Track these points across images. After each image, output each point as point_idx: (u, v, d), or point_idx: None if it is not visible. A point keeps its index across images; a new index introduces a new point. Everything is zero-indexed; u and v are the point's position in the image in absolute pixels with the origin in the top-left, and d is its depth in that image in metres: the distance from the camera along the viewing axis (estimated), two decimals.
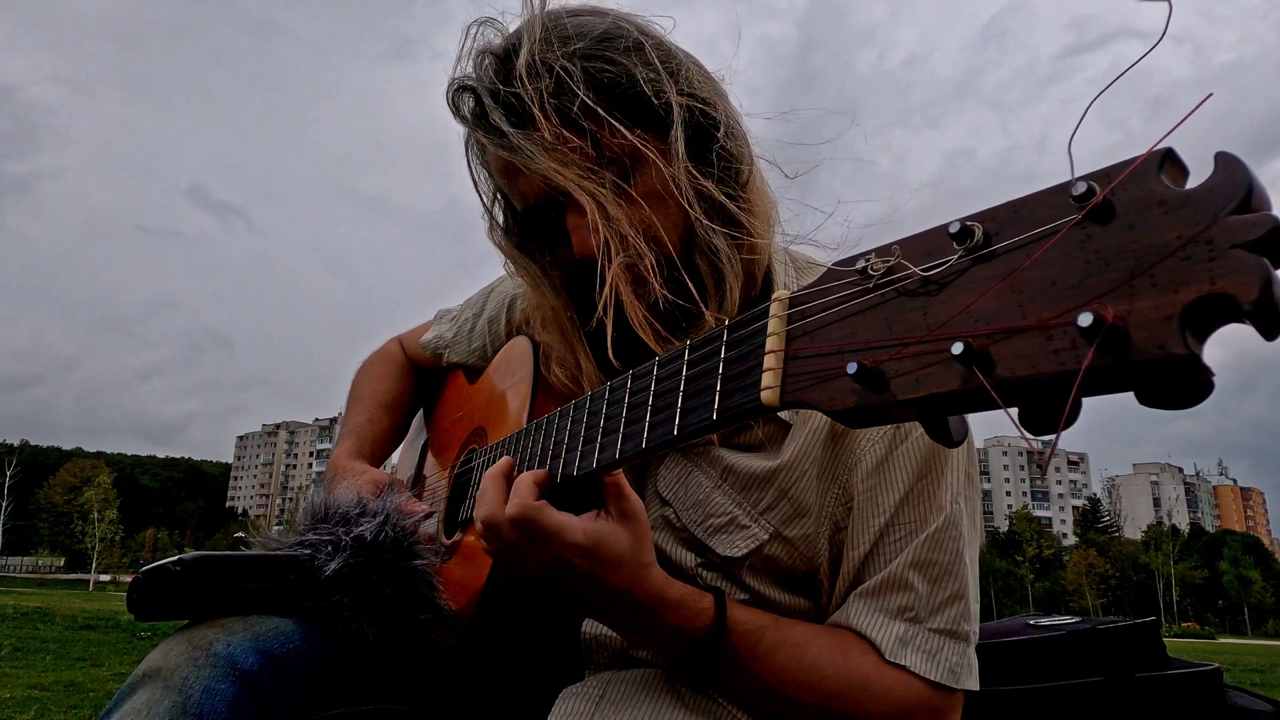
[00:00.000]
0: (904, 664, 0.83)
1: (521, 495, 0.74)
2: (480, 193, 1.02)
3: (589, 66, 0.86)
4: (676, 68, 0.90)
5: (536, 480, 0.76)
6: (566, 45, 0.87)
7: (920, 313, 0.40)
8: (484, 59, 0.91)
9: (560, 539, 0.73)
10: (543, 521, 0.73)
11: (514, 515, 0.73)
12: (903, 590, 0.86)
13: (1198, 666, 1.28)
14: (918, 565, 0.86)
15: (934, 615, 0.86)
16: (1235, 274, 0.30)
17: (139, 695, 0.77)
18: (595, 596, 0.77)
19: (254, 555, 0.91)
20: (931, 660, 0.84)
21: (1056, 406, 0.35)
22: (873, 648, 0.84)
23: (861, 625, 0.86)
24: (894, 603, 0.86)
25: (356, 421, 1.36)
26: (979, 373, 0.36)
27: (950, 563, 0.87)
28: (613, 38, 0.89)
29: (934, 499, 0.87)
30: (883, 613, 0.85)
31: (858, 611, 0.86)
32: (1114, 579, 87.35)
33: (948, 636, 0.86)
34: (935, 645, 0.85)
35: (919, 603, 0.85)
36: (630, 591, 0.76)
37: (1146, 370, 0.32)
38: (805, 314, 0.48)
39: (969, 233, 0.39)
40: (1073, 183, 0.36)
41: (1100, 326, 0.32)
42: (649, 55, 0.89)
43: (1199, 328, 0.32)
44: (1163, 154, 0.34)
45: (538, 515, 0.73)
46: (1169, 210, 0.33)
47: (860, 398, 0.42)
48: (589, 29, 0.89)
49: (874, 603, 0.86)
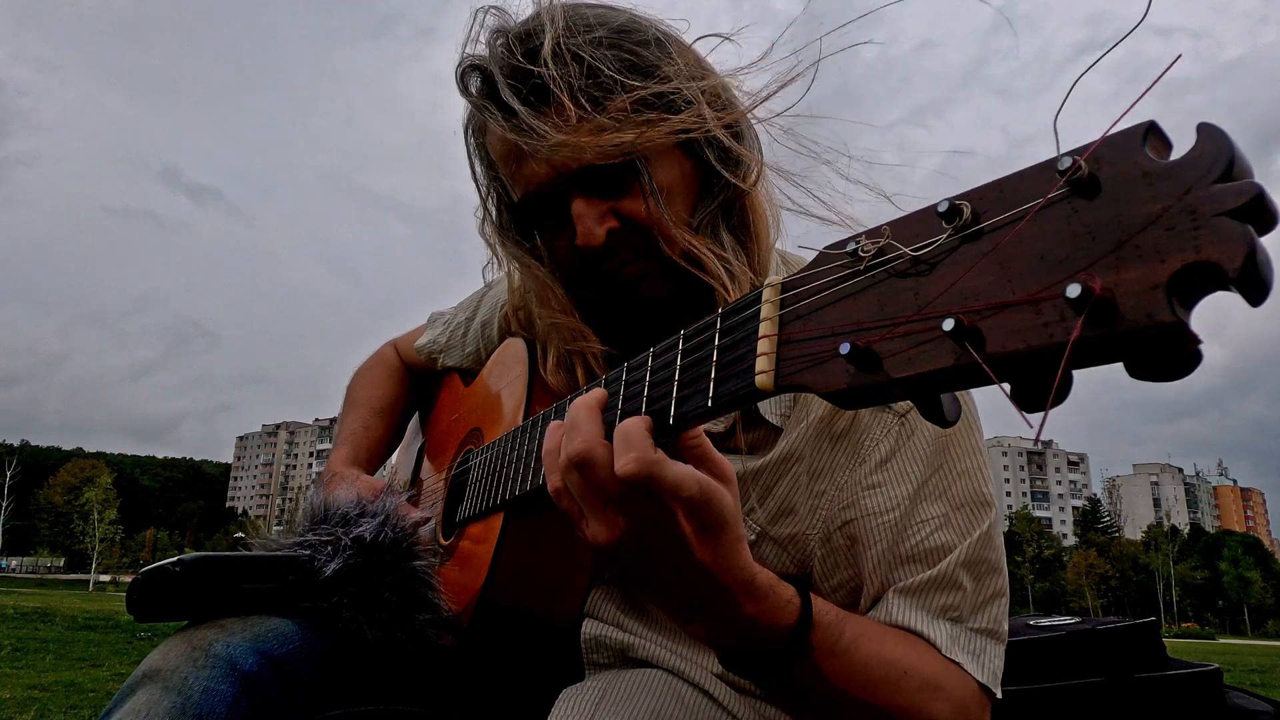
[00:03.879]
0: (959, 661, 0.79)
1: (639, 447, 0.58)
2: (476, 182, 1.00)
3: (613, 54, 0.85)
4: (694, 63, 0.91)
5: (648, 427, 0.61)
6: (589, 33, 0.86)
7: (911, 292, 0.41)
8: (498, 39, 0.89)
9: (677, 494, 0.58)
10: (668, 477, 0.57)
11: (633, 472, 0.57)
12: (952, 590, 0.82)
13: (1198, 667, 1.28)
14: (969, 564, 0.83)
15: (975, 614, 0.83)
16: (1220, 242, 0.31)
17: (139, 696, 0.77)
18: (682, 567, 0.62)
19: (254, 556, 0.91)
20: (976, 661, 0.80)
21: (1048, 380, 0.36)
22: (930, 645, 0.79)
23: (910, 622, 0.81)
24: (939, 601, 0.82)
25: (352, 428, 1.36)
26: (970, 348, 0.37)
27: (996, 560, 0.85)
28: (631, 30, 0.89)
29: (979, 494, 0.85)
30: (927, 611, 0.82)
31: (901, 609, 0.82)
32: (1114, 579, 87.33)
33: (989, 637, 0.83)
34: (978, 646, 0.82)
35: (964, 602, 0.82)
36: (721, 564, 0.61)
37: (1135, 339, 0.32)
38: (798, 298, 0.48)
39: (957, 211, 0.39)
40: (1058, 158, 0.36)
41: (1088, 297, 0.33)
42: (669, 49, 0.89)
43: (1186, 296, 0.32)
44: (1146, 126, 0.35)
45: (662, 471, 0.57)
46: (1153, 182, 0.33)
47: (854, 378, 0.43)
48: (608, 20, 0.89)
49: (918, 600, 0.82)
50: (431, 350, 1.42)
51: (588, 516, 0.63)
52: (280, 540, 0.96)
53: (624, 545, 0.62)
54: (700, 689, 0.90)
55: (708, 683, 0.90)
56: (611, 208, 0.88)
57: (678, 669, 0.91)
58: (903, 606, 0.82)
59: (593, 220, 0.87)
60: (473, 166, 1.00)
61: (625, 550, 0.63)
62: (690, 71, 0.88)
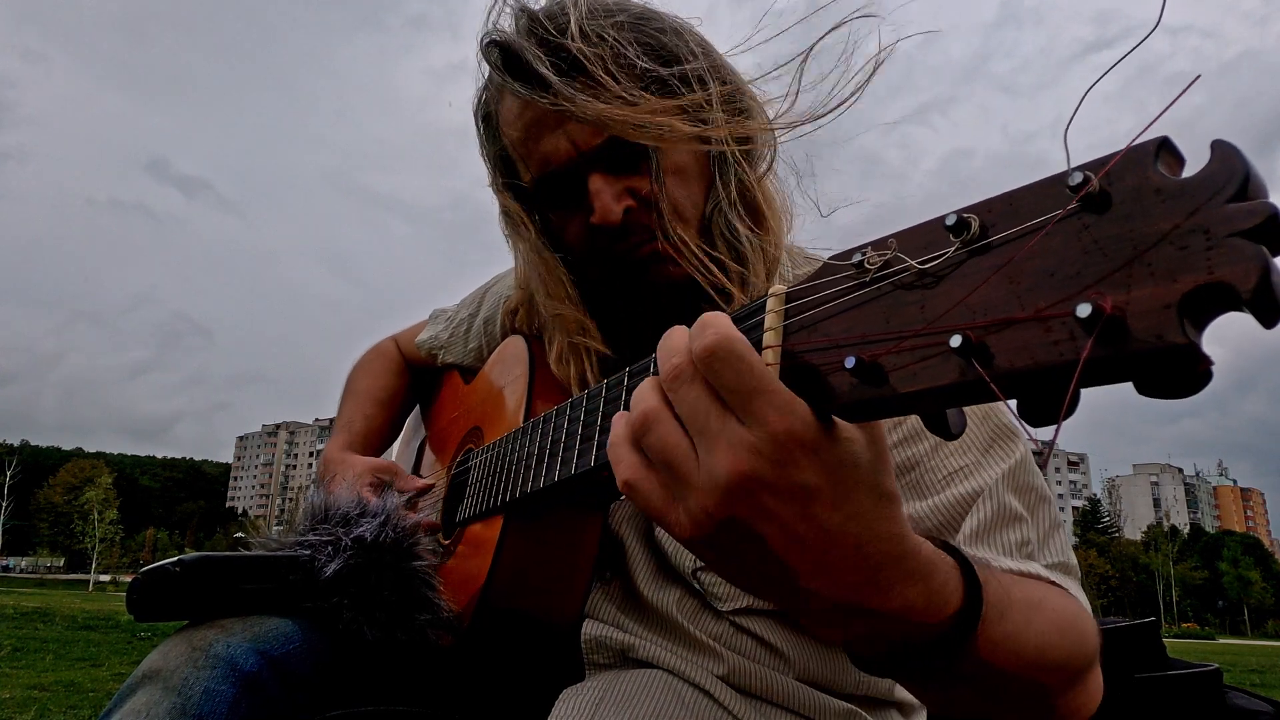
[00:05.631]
0: (1076, 596, 0.71)
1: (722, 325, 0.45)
2: (486, 160, 1.00)
3: (633, 37, 0.86)
4: (710, 52, 0.92)
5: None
6: (611, 16, 0.87)
7: (917, 305, 0.40)
8: (523, 17, 0.89)
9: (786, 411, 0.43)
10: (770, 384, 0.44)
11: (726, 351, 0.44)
12: (1014, 523, 0.75)
13: (1198, 667, 1.28)
14: (1017, 491, 0.77)
15: (1043, 550, 0.76)
16: (1233, 262, 0.30)
17: (138, 696, 0.77)
18: (825, 542, 0.45)
19: (254, 556, 0.91)
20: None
21: (1055, 397, 0.35)
22: (1041, 580, 0.70)
23: (1006, 566, 0.71)
24: (1010, 539, 0.74)
25: (350, 416, 1.36)
26: (978, 365, 0.36)
27: (1043, 488, 0.80)
28: (650, 18, 0.90)
29: (1002, 426, 0.81)
30: (1007, 555, 0.73)
31: (980, 560, 0.61)
32: (1114, 579, 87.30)
33: (1064, 573, 0.75)
34: (1062, 581, 0.74)
35: (1032, 535, 0.75)
36: (870, 531, 0.46)
37: (1145, 360, 0.32)
38: (802, 308, 0.48)
39: (965, 224, 0.39)
40: (1069, 173, 0.35)
41: (1099, 317, 0.32)
42: (686, 38, 0.90)
43: (1197, 317, 0.31)
44: (1159, 142, 0.34)
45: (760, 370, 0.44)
46: (1166, 199, 0.33)
47: (859, 391, 0.42)
48: (627, 6, 0.90)
49: (990, 546, 0.73)
50: (433, 346, 1.42)
51: (707, 447, 0.45)
52: (280, 540, 0.96)
53: (740, 497, 0.44)
54: (701, 689, 0.90)
55: (708, 683, 0.90)
56: (628, 187, 0.88)
57: (678, 669, 0.90)
58: (981, 557, 0.69)
59: (610, 197, 0.87)
60: (484, 149, 1.00)
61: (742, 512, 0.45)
62: (708, 54, 0.90)
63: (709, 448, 0.45)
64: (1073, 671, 0.62)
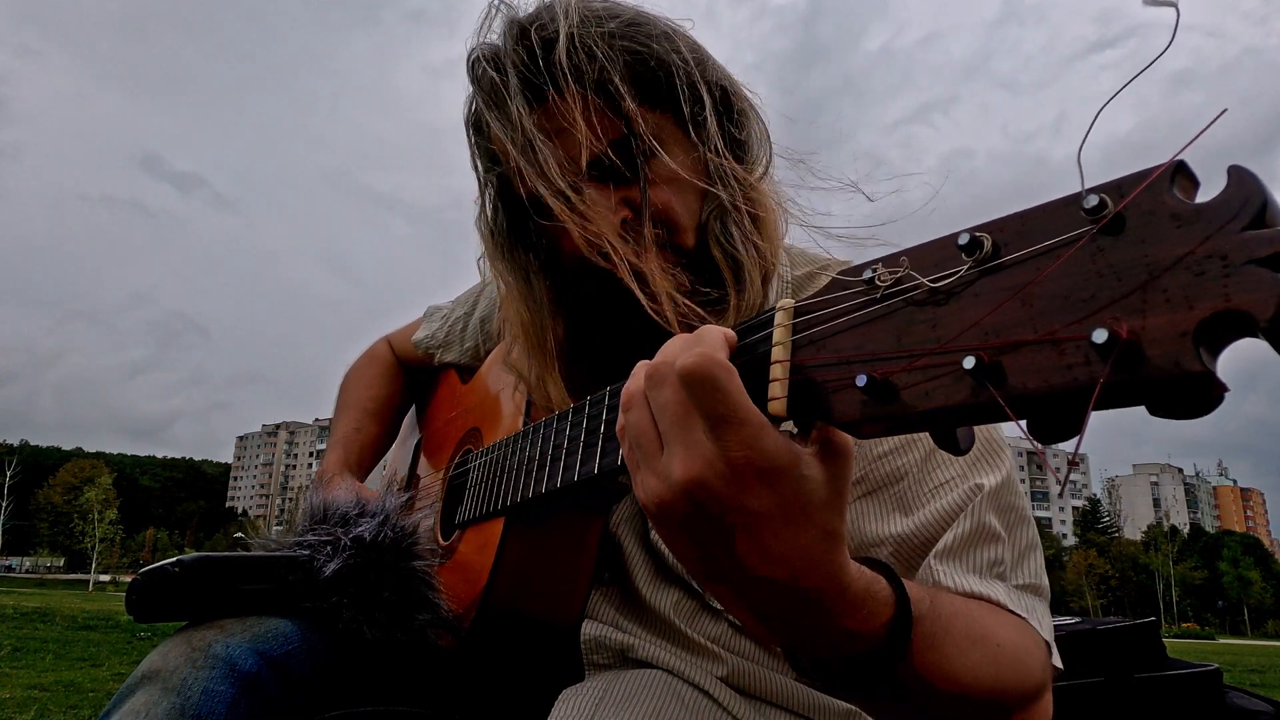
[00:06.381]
0: (1030, 621, 0.71)
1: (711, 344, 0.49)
2: (478, 174, 0.99)
3: (624, 45, 0.86)
4: (704, 57, 0.91)
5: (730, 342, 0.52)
6: (600, 25, 0.86)
7: (929, 324, 0.40)
8: (513, 30, 0.88)
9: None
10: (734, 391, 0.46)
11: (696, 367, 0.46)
12: (991, 542, 0.75)
13: (1197, 667, 1.28)
14: (998, 510, 0.77)
15: (1016, 570, 0.77)
16: (1251, 290, 0.30)
17: (138, 697, 0.77)
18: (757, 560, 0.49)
19: (253, 556, 0.91)
20: (1034, 619, 0.73)
21: (1067, 419, 0.35)
22: (999, 606, 0.71)
23: (968, 586, 0.72)
24: (983, 557, 0.74)
25: (344, 431, 1.36)
26: (990, 386, 0.36)
27: (1024, 508, 0.80)
28: (641, 23, 0.89)
29: (990, 439, 0.82)
30: (975, 572, 0.74)
31: (948, 574, 0.73)
32: (1114, 579, 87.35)
33: (1033, 595, 0.76)
34: (1028, 604, 0.74)
35: (1006, 555, 0.76)
36: (808, 564, 0.49)
37: (1160, 386, 0.32)
38: (811, 324, 0.47)
39: (978, 244, 0.39)
40: (1084, 195, 0.35)
41: (1115, 343, 0.32)
42: (678, 43, 0.89)
43: (1213, 344, 0.31)
44: (1174, 166, 0.34)
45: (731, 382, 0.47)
46: (1182, 224, 0.33)
47: (870, 409, 0.42)
48: (618, 13, 0.89)
49: (962, 562, 0.74)
50: (429, 345, 1.41)
51: (669, 445, 0.49)
52: (280, 540, 0.96)
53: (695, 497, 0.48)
54: (701, 689, 0.90)
55: (708, 683, 0.90)
56: (624, 198, 0.88)
57: (678, 670, 0.90)
58: (950, 572, 0.74)
59: (607, 208, 0.87)
60: (475, 162, 0.99)
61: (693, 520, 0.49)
62: (700, 60, 0.89)
63: (670, 447, 0.49)
64: (1011, 702, 0.65)
